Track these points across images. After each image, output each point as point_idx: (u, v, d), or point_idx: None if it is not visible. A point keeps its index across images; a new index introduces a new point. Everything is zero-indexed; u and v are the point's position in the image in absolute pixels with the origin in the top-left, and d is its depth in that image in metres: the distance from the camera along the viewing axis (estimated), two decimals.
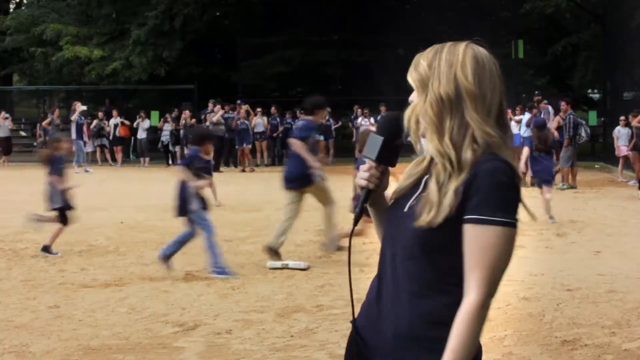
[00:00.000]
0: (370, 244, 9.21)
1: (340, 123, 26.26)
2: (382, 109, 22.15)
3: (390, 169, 2.01)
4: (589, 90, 32.59)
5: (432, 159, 1.94)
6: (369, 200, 2.00)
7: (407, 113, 1.95)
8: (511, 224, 1.79)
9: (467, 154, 1.83)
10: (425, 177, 1.93)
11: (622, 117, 18.40)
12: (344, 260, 8.26)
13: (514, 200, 1.81)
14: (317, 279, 7.30)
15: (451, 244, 1.82)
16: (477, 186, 1.79)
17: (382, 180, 1.99)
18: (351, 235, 2.09)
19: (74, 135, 22.27)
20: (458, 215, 1.81)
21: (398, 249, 1.91)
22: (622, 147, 18.03)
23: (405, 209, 1.92)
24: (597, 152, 25.02)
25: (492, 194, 1.78)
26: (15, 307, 6.27)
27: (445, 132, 1.87)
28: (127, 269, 7.82)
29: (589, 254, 8.52)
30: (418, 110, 1.92)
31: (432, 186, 1.86)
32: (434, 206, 1.82)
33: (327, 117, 24.28)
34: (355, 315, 2.03)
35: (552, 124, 17.06)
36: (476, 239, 1.78)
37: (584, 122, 17.55)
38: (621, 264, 7.91)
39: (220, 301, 6.46)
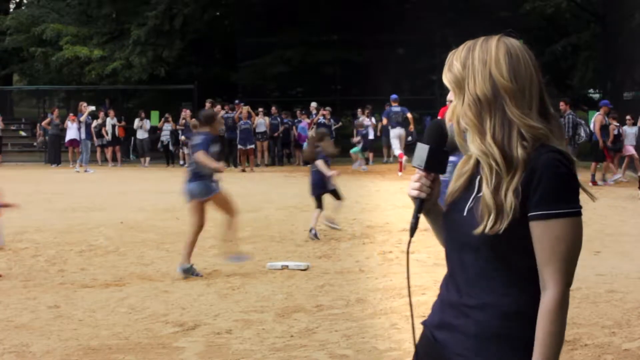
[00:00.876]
0: (370, 244, 9.22)
1: (340, 123, 26.25)
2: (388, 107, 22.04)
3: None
4: (590, 90, 32.57)
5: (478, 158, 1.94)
6: (423, 210, 2.00)
7: (448, 115, 1.95)
8: (575, 212, 1.79)
9: (518, 152, 1.82)
10: (478, 178, 1.91)
11: (629, 117, 18.44)
12: (343, 261, 8.25)
13: (574, 188, 1.81)
14: (317, 279, 7.29)
15: (523, 241, 1.81)
16: (537, 181, 1.78)
17: (433, 189, 1.99)
18: (409, 245, 2.07)
19: (83, 136, 22.36)
20: (523, 213, 1.80)
21: (467, 252, 1.90)
22: (627, 146, 18.08)
23: (465, 214, 1.91)
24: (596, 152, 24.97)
25: (553, 186, 1.78)
26: (15, 307, 6.27)
27: (487, 131, 1.85)
28: (127, 269, 7.82)
29: (589, 254, 8.50)
30: (457, 111, 1.91)
31: (485, 191, 1.85)
32: (492, 212, 1.82)
33: (329, 117, 24.38)
34: (418, 317, 2.03)
35: (596, 125, 17.15)
36: (544, 234, 1.78)
37: (583, 122, 17.58)
38: (621, 264, 7.91)
39: (220, 301, 6.46)
